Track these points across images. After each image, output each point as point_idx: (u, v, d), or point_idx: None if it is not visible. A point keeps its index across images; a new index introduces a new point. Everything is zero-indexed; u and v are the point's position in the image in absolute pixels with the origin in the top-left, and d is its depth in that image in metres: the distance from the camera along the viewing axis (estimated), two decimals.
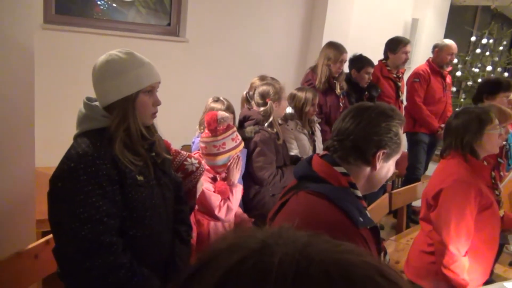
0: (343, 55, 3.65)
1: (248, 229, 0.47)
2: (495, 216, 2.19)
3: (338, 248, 0.46)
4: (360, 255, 0.45)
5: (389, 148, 1.37)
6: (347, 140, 1.37)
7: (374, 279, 0.42)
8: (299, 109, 3.14)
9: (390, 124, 1.37)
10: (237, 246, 0.44)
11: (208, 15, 3.96)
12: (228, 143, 2.32)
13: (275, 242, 0.44)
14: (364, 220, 1.30)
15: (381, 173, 1.41)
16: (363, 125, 1.36)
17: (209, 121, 2.29)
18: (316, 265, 0.41)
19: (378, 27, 5.14)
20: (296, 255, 0.42)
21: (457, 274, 2.01)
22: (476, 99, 3.47)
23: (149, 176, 1.54)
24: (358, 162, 1.38)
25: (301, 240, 0.46)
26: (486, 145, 2.16)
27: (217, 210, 2.24)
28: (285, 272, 0.40)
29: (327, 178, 1.36)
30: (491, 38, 5.52)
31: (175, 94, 3.79)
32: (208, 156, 2.33)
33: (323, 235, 0.49)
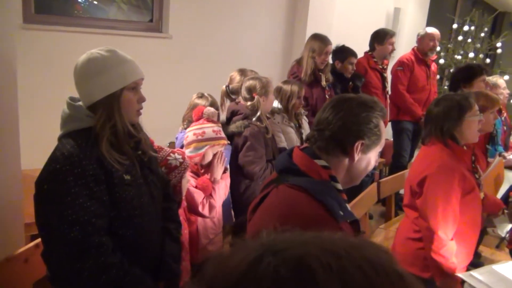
0: (327, 47, 3.66)
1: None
2: (477, 199, 2.23)
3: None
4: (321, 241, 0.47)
5: (368, 139, 1.36)
6: (326, 130, 1.36)
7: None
8: (285, 102, 3.15)
9: (370, 115, 1.36)
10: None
11: (191, 10, 3.92)
12: (208, 132, 2.33)
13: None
14: (345, 214, 1.29)
15: (361, 165, 1.40)
16: (342, 115, 1.35)
17: (195, 112, 2.35)
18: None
19: (361, 17, 5.17)
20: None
21: (447, 258, 2.05)
22: (453, 88, 3.51)
23: (136, 174, 1.53)
24: (336, 152, 1.37)
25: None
26: (466, 132, 2.17)
27: (201, 207, 2.23)
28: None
29: (307, 171, 1.35)
30: (473, 25, 5.58)
31: (160, 91, 3.76)
32: (188, 144, 2.34)
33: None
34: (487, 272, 1.87)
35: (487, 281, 1.77)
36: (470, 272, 1.89)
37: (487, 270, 1.89)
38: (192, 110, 2.61)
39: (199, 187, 2.29)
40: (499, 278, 1.83)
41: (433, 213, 2.07)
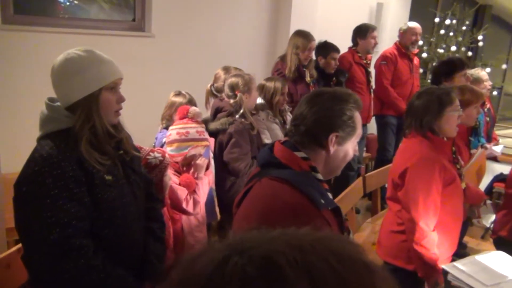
0: (311, 43, 3.68)
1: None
2: (459, 189, 2.26)
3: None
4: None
5: (343, 131, 1.39)
6: (301, 125, 1.40)
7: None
8: (269, 99, 3.16)
9: (344, 108, 1.39)
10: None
11: (174, 8, 3.90)
12: (191, 132, 2.33)
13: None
14: (326, 202, 1.34)
15: (338, 156, 1.43)
16: (315, 109, 1.39)
17: (179, 110, 2.34)
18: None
19: (345, 12, 5.19)
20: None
21: (428, 249, 2.07)
22: (435, 82, 3.54)
23: (118, 175, 1.52)
24: (313, 146, 1.41)
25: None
26: (444, 127, 2.19)
27: (185, 203, 2.23)
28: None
29: (288, 163, 1.39)
30: (454, 19, 5.64)
31: (143, 90, 3.74)
32: (170, 143, 2.33)
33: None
34: (469, 263, 1.89)
35: (469, 271, 1.80)
36: (453, 263, 1.91)
37: (469, 260, 1.92)
38: (170, 108, 2.61)
39: (183, 184, 2.29)
40: (481, 268, 1.85)
41: (414, 204, 2.10)
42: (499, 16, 8.99)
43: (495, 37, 9.01)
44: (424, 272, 2.09)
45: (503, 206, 3.04)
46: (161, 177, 1.94)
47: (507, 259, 2.00)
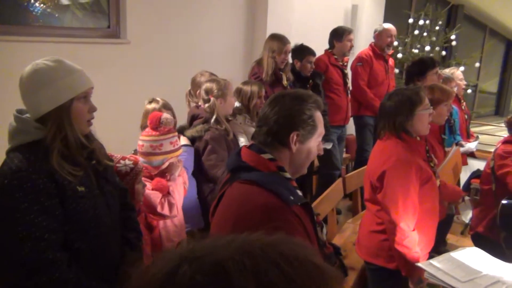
0: (286, 46, 3.70)
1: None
2: (435, 187, 2.30)
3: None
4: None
5: (303, 130, 1.45)
6: (264, 125, 1.46)
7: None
8: (246, 103, 3.16)
9: (303, 107, 1.45)
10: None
11: (149, 14, 3.87)
12: (165, 145, 2.30)
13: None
14: (295, 198, 1.39)
15: (301, 155, 1.48)
16: (277, 109, 1.45)
17: (151, 119, 2.29)
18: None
19: (320, 15, 5.23)
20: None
21: (410, 249, 2.10)
22: (408, 82, 3.61)
23: (91, 185, 1.50)
24: (276, 145, 1.46)
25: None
26: (417, 126, 2.23)
27: (159, 207, 2.21)
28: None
29: (256, 166, 1.44)
30: (427, 19, 5.74)
31: (121, 97, 3.71)
32: (143, 155, 2.31)
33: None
34: (445, 260, 1.92)
35: (445, 269, 1.82)
36: (429, 260, 1.94)
37: (445, 257, 1.95)
38: (146, 117, 2.58)
39: (155, 188, 2.27)
40: (456, 265, 1.88)
41: (394, 206, 2.13)
42: (471, 16, 9.19)
43: (468, 36, 9.21)
44: (407, 271, 2.12)
45: (479, 202, 3.11)
46: (132, 185, 1.92)
47: (481, 254, 2.04)
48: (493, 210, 2.87)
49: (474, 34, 9.81)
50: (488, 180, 3.01)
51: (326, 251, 1.53)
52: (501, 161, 2.87)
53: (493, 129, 7.98)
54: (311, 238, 1.41)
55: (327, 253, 1.54)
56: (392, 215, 2.13)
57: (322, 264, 0.50)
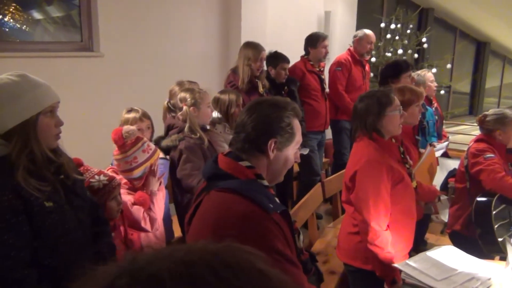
0: (262, 54, 3.72)
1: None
2: (409, 188, 2.34)
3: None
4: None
5: (281, 137, 1.45)
6: (241, 133, 1.45)
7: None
8: (224, 111, 3.16)
9: (282, 115, 1.45)
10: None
11: (122, 26, 3.85)
12: (139, 156, 2.28)
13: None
14: (274, 205, 1.38)
15: (279, 162, 1.48)
16: (255, 116, 1.44)
17: (115, 138, 2.26)
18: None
19: (294, 22, 5.28)
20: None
21: (382, 248, 2.12)
22: (382, 84, 3.66)
23: (59, 200, 1.48)
24: (253, 152, 1.45)
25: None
26: (388, 126, 2.27)
27: (143, 222, 2.20)
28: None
29: (234, 173, 1.43)
30: (399, 23, 5.85)
31: (96, 111, 3.67)
32: (123, 173, 2.29)
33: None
34: (421, 259, 1.95)
35: (421, 268, 1.85)
36: (406, 260, 1.97)
37: (421, 257, 1.97)
38: None
39: (137, 202, 2.25)
40: (432, 263, 1.91)
41: (365, 205, 2.15)
42: (442, 18, 9.41)
43: (439, 38, 9.43)
44: (381, 271, 2.14)
45: (454, 201, 3.16)
46: (104, 202, 1.89)
47: (456, 252, 2.07)
48: (468, 208, 2.92)
49: (445, 37, 10.05)
50: (463, 179, 3.07)
51: (302, 257, 1.53)
52: (474, 159, 2.93)
53: (468, 128, 8.16)
54: (290, 245, 1.41)
55: (304, 259, 1.53)
56: (363, 215, 2.16)
57: (268, 271, 0.50)
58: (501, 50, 12.84)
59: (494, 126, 2.96)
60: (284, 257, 1.34)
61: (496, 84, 13.68)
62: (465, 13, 9.33)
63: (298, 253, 1.50)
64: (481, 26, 10.39)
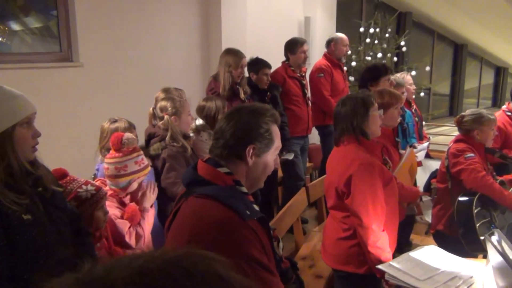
0: (242, 60, 3.73)
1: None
2: (395, 189, 2.36)
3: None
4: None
5: (260, 143, 1.45)
6: (220, 139, 1.45)
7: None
8: (211, 119, 3.15)
9: (260, 121, 1.46)
10: None
11: (101, 35, 3.83)
12: (130, 165, 2.26)
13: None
14: (251, 212, 1.38)
15: (258, 168, 1.48)
16: (233, 122, 1.45)
17: (113, 141, 2.24)
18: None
19: (274, 28, 5.32)
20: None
21: (383, 250, 2.12)
22: (361, 87, 3.71)
23: (38, 213, 1.45)
24: (232, 158, 1.45)
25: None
26: (372, 126, 2.31)
27: (127, 236, 2.16)
28: None
29: (212, 180, 1.43)
30: (377, 27, 5.93)
31: (77, 121, 3.63)
32: (110, 178, 2.27)
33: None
34: (404, 260, 1.97)
35: (404, 268, 1.87)
36: (389, 262, 1.98)
37: (404, 258, 1.99)
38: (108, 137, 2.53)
39: (127, 216, 2.22)
40: (415, 264, 1.93)
41: (364, 209, 2.14)
42: (420, 22, 9.57)
43: (418, 41, 9.58)
44: (382, 273, 2.13)
45: (437, 201, 3.20)
46: (92, 211, 1.87)
47: (439, 252, 2.10)
48: (450, 208, 2.96)
49: (424, 40, 10.21)
50: (444, 179, 3.11)
51: (282, 265, 1.52)
52: (454, 159, 2.97)
53: (448, 129, 8.28)
54: (268, 253, 1.40)
55: (284, 268, 1.52)
56: (363, 219, 2.14)
57: (230, 277, 0.50)
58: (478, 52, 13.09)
59: (471, 126, 3.01)
60: (260, 265, 1.33)
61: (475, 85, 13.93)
62: (442, 16, 9.51)
63: (278, 261, 1.49)
64: (458, 29, 10.59)
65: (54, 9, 3.69)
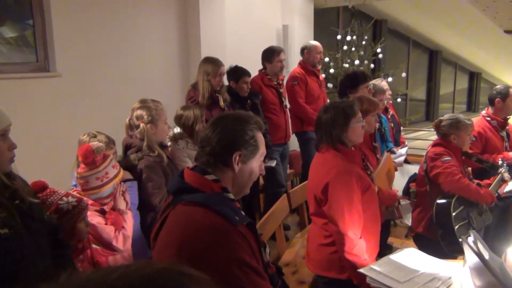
0: (221, 69, 3.75)
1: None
2: (374, 194, 2.40)
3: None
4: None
5: (246, 150, 1.48)
6: (207, 146, 1.47)
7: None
8: (189, 127, 3.14)
9: (245, 128, 1.48)
10: None
11: (79, 45, 3.79)
12: (110, 171, 2.27)
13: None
14: (240, 218, 1.40)
15: (244, 175, 1.51)
16: (219, 130, 1.47)
17: (85, 154, 2.21)
18: None
19: (253, 36, 5.35)
20: None
21: (359, 256, 2.16)
22: (341, 94, 3.76)
23: (15, 226, 1.42)
24: (219, 165, 1.47)
25: None
26: (352, 137, 2.34)
27: (114, 241, 2.17)
28: None
29: (200, 187, 1.44)
30: (354, 35, 6.03)
31: (54, 132, 3.58)
32: (91, 191, 2.24)
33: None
34: (385, 263, 1.99)
35: (385, 272, 1.89)
36: (370, 265, 2.00)
37: (384, 261, 2.02)
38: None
39: (111, 222, 2.23)
40: (395, 266, 1.96)
41: (340, 216, 2.18)
42: (395, 29, 9.76)
43: (394, 48, 9.77)
44: (358, 279, 2.15)
45: (417, 204, 3.25)
46: (73, 223, 1.85)
47: (418, 254, 2.13)
48: (429, 210, 3.01)
49: (399, 46, 10.41)
50: (423, 182, 3.16)
51: (269, 271, 1.53)
52: (432, 163, 3.03)
53: (425, 134, 8.44)
54: (256, 258, 1.42)
55: (270, 273, 1.54)
56: (339, 226, 2.17)
57: (187, 284, 0.50)
58: (452, 58, 13.41)
59: (449, 131, 3.07)
60: (252, 269, 1.34)
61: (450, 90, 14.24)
62: (416, 23, 9.72)
63: (265, 266, 1.50)
64: (432, 36, 10.84)
65: (30, 19, 3.65)
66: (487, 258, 1.59)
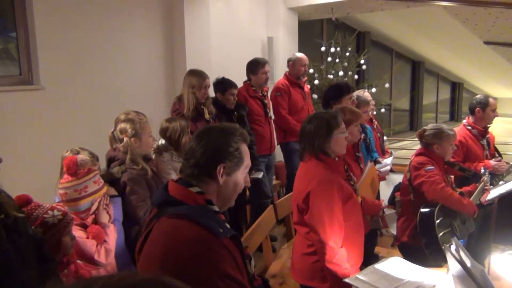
0: (206, 81, 3.76)
1: None
2: (357, 204, 2.42)
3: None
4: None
5: (230, 162, 1.48)
6: (191, 158, 1.47)
7: None
8: (175, 140, 3.14)
9: (230, 140, 1.49)
10: None
11: (63, 58, 3.77)
12: (90, 186, 2.25)
13: None
14: (224, 230, 1.39)
15: (228, 187, 1.51)
16: (204, 142, 1.47)
17: (68, 164, 2.21)
18: None
19: (238, 48, 5.39)
20: None
21: (340, 266, 2.17)
22: (325, 105, 3.80)
23: (0, 241, 1.41)
24: (203, 177, 1.47)
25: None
26: (334, 147, 2.37)
27: (96, 255, 2.15)
28: None
29: (184, 200, 1.43)
30: (338, 46, 6.11)
31: (38, 146, 3.54)
32: (69, 203, 2.22)
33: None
34: (370, 272, 2.01)
35: (370, 281, 1.91)
36: (355, 274, 2.02)
37: (370, 270, 2.04)
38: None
39: (92, 236, 2.20)
40: (380, 275, 1.98)
41: (321, 225, 2.19)
42: (378, 41, 9.93)
43: (377, 59, 9.92)
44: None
45: (401, 213, 3.28)
46: (59, 237, 1.83)
47: (403, 263, 2.16)
48: (414, 219, 3.04)
49: (383, 58, 10.58)
50: (407, 191, 3.20)
51: (255, 283, 1.53)
52: (416, 172, 3.07)
53: (409, 143, 8.56)
54: (241, 270, 1.41)
55: (256, 285, 1.54)
56: (320, 235, 2.19)
57: None
58: (435, 69, 13.67)
59: (432, 141, 3.13)
60: (235, 282, 1.34)
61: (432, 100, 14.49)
62: (398, 35, 9.90)
63: (250, 279, 1.50)
64: (415, 47, 11.05)
65: (13, 31, 3.62)
66: (469, 266, 1.61)
